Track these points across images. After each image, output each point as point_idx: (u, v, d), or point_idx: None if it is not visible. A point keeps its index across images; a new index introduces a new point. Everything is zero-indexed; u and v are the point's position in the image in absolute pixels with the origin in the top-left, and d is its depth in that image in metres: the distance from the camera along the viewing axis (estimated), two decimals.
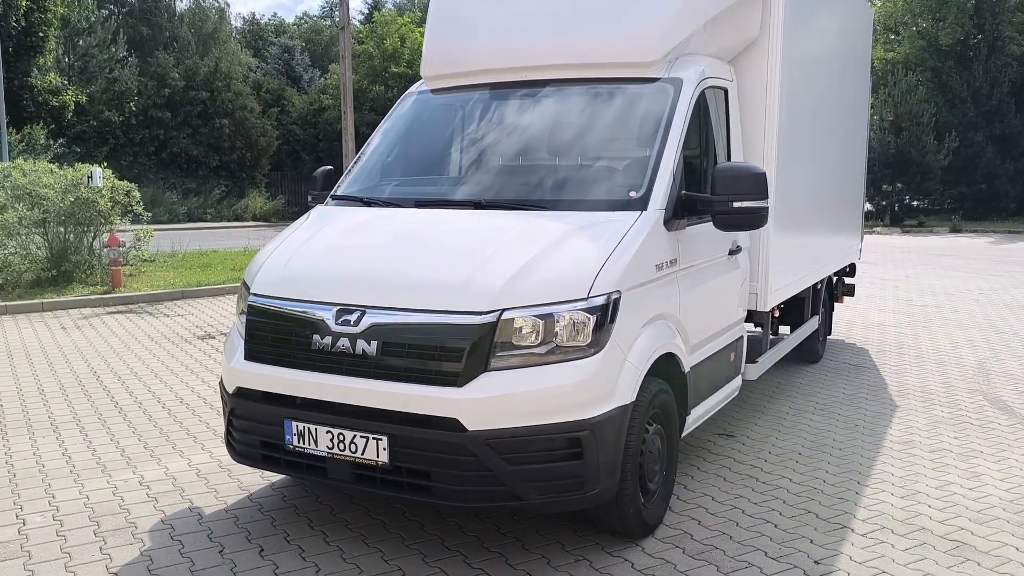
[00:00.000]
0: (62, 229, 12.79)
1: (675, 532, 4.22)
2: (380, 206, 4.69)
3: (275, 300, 4.02)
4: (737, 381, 5.48)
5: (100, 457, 5.34)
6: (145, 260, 14.54)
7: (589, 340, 3.63)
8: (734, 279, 5.17)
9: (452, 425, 3.49)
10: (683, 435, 4.61)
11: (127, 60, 32.75)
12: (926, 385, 7.31)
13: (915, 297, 12.74)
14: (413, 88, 5.56)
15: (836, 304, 9.70)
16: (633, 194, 4.20)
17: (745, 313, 5.48)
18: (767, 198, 4.31)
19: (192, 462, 5.24)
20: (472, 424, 3.47)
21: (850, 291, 9.56)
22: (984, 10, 32.05)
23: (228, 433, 4.20)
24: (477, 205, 4.39)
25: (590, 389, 3.61)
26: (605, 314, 3.68)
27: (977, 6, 32.10)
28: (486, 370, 3.53)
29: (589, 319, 3.63)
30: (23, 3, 26.63)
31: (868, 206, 29.92)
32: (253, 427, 4.00)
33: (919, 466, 5.26)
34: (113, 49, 33.05)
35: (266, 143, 34.51)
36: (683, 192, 4.34)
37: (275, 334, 3.97)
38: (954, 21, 31.75)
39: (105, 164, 17.02)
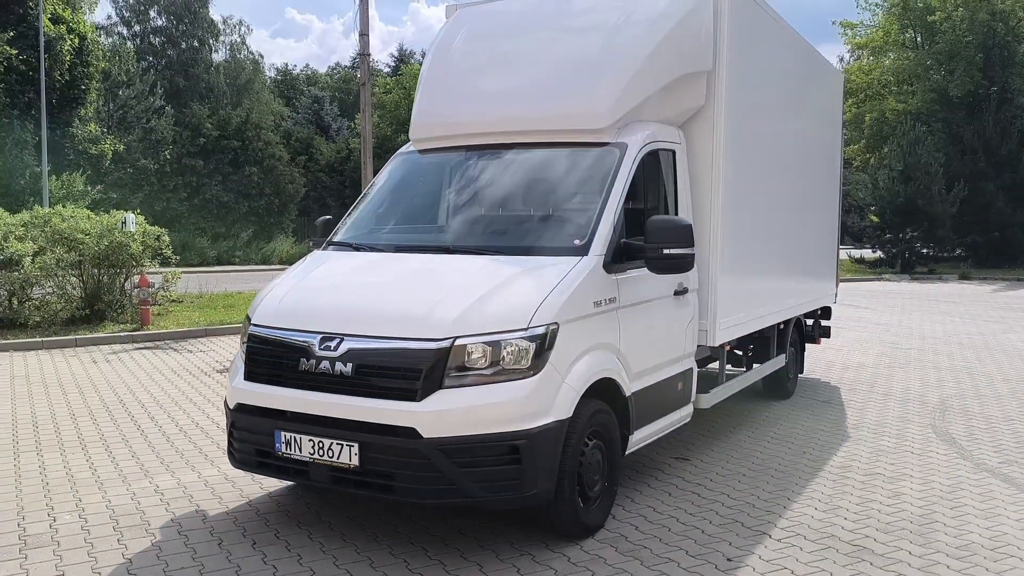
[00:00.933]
0: (96, 271, 13.73)
1: (613, 534, 4.85)
2: (366, 251, 5.45)
3: (271, 329, 4.76)
4: (688, 409, 6.11)
5: (122, 470, 6.07)
6: (173, 300, 15.43)
7: (529, 364, 4.33)
8: (680, 316, 5.83)
9: (410, 433, 4.18)
10: (627, 452, 5.25)
11: (164, 110, 34.28)
12: (883, 420, 7.87)
13: (902, 341, 13.24)
14: (403, 148, 6.36)
15: (814, 345, 10.33)
16: (577, 242, 4.92)
17: (695, 347, 6.11)
18: (692, 246, 5.01)
19: (201, 475, 5.95)
20: (427, 432, 4.16)
21: (826, 333, 10.13)
22: (994, 63, 32.74)
23: (230, 443, 4.92)
24: (446, 250, 5.14)
25: (529, 405, 4.29)
26: (543, 342, 4.37)
27: (986, 60, 32.80)
28: (441, 388, 4.23)
29: (529, 346, 4.33)
30: (67, 58, 28.21)
31: (879, 253, 30.42)
32: (249, 437, 4.72)
33: (849, 487, 5.84)
34: (151, 100, 34.66)
35: (294, 190, 35.82)
36: (623, 240, 5.05)
37: (270, 358, 4.71)
38: (963, 74, 32.47)
39: (139, 210, 18.04)
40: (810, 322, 9.97)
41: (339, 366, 4.39)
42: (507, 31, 6.31)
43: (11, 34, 26.91)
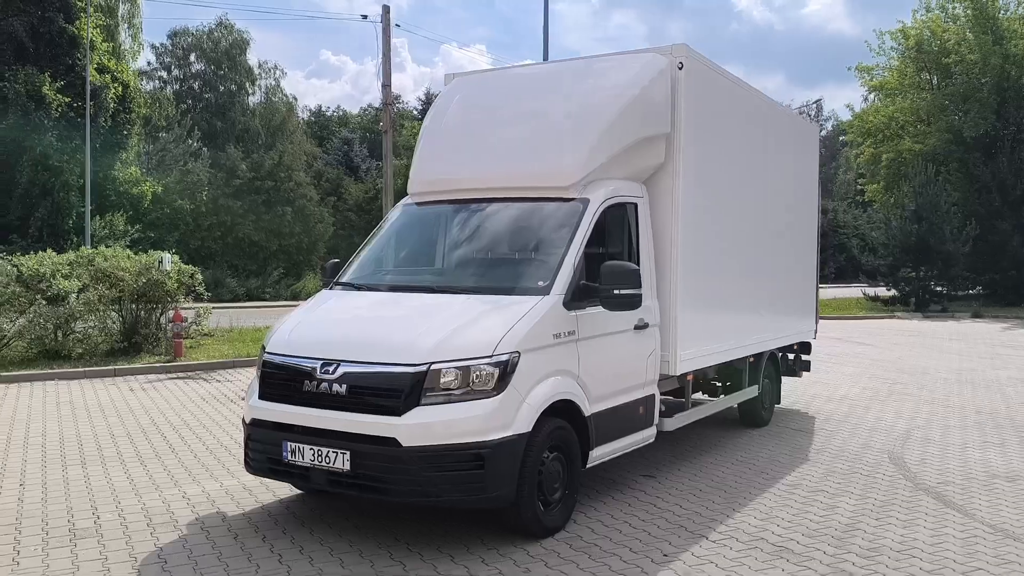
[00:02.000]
0: (134, 306, 14.83)
1: (570, 535, 5.64)
2: (365, 290, 6.36)
3: (281, 356, 5.67)
4: (651, 431, 6.88)
5: (154, 480, 6.98)
6: (204, 334, 16.47)
7: (493, 385, 5.17)
8: (641, 348, 6.63)
9: (392, 443, 5.03)
10: (588, 466, 6.04)
11: (200, 153, 35.87)
12: (844, 446, 8.56)
13: (892, 376, 13.86)
14: (403, 200, 7.29)
15: (800, 378, 11.08)
16: (541, 283, 5.78)
17: (656, 376, 6.89)
18: (640, 287, 5.86)
19: (223, 485, 6.83)
20: (406, 442, 5.00)
21: (806, 367, 10.88)
22: (1008, 105, 33.29)
23: (246, 454, 5.81)
24: (431, 290, 6.04)
25: (492, 420, 5.12)
26: (506, 367, 5.22)
27: (1001, 101, 33.37)
28: (419, 404, 5.09)
29: (494, 370, 5.18)
30: (111, 105, 29.85)
31: (894, 292, 30.84)
32: (262, 447, 5.60)
33: (791, 501, 6.57)
34: (189, 143, 36.29)
35: (323, 229, 37.15)
36: (582, 282, 5.90)
37: (280, 380, 5.61)
38: (977, 115, 33.03)
39: (175, 249, 19.15)
40: (791, 356, 10.75)
41: (335, 387, 5.28)
42: (493, 99, 7.26)
43: (61, 83, 28.60)
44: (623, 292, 5.82)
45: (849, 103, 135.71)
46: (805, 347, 10.84)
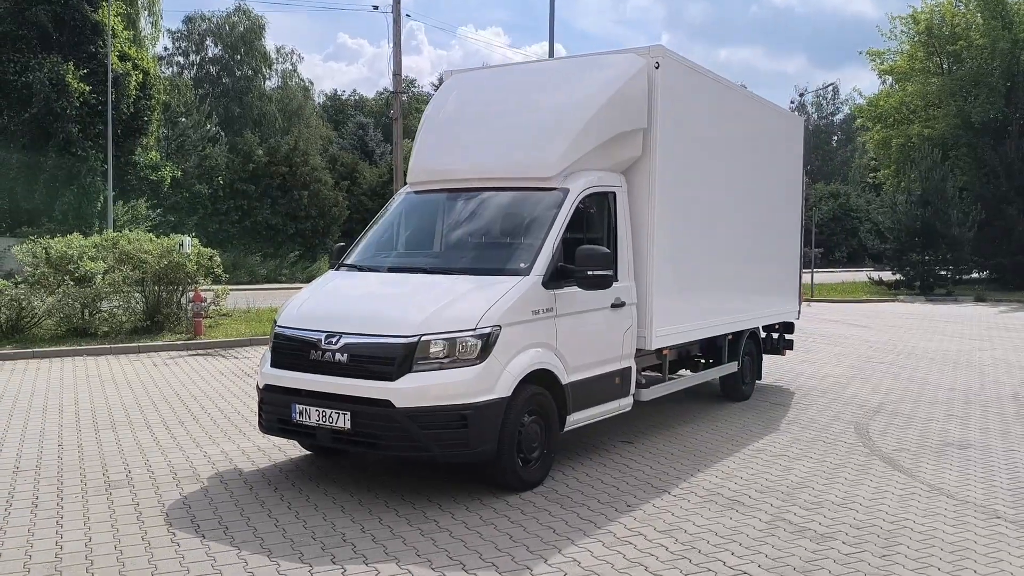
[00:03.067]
0: (157, 287, 15.61)
1: (546, 489, 6.32)
2: (367, 271, 7.06)
3: (291, 329, 6.37)
4: (627, 400, 7.52)
5: (178, 441, 7.73)
6: (222, 314, 17.25)
7: (476, 355, 5.85)
8: (617, 325, 7.28)
9: (387, 404, 5.72)
10: (565, 429, 6.71)
11: (218, 138, 36.68)
12: (815, 418, 9.20)
13: (879, 356, 14.45)
14: (403, 188, 7.96)
15: (785, 356, 11.75)
16: (522, 265, 6.44)
17: (633, 350, 7.53)
18: (610, 269, 6.51)
19: (240, 446, 7.57)
20: (399, 403, 5.69)
21: (789, 346, 11.52)
22: (1017, 89, 33.50)
23: (259, 415, 6.53)
24: (425, 271, 6.73)
25: (475, 385, 5.80)
26: (488, 339, 5.89)
27: (1010, 86, 33.58)
28: (410, 371, 5.77)
29: (477, 342, 5.85)
30: (133, 92, 30.65)
31: (899, 276, 31.25)
32: (273, 409, 6.32)
33: (754, 462, 7.23)
34: (207, 127, 37.11)
35: (338, 212, 37.90)
36: (560, 264, 6.55)
37: (289, 350, 6.31)
38: (986, 100, 33.27)
39: (194, 233, 19.91)
40: (775, 336, 11.39)
41: (338, 356, 5.97)
42: (485, 96, 7.91)
43: (83, 71, 29.40)
44: (596, 273, 6.47)
45: (857, 87, 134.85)
46: (788, 327, 11.47)
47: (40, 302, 14.35)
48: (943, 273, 31.13)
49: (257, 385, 6.65)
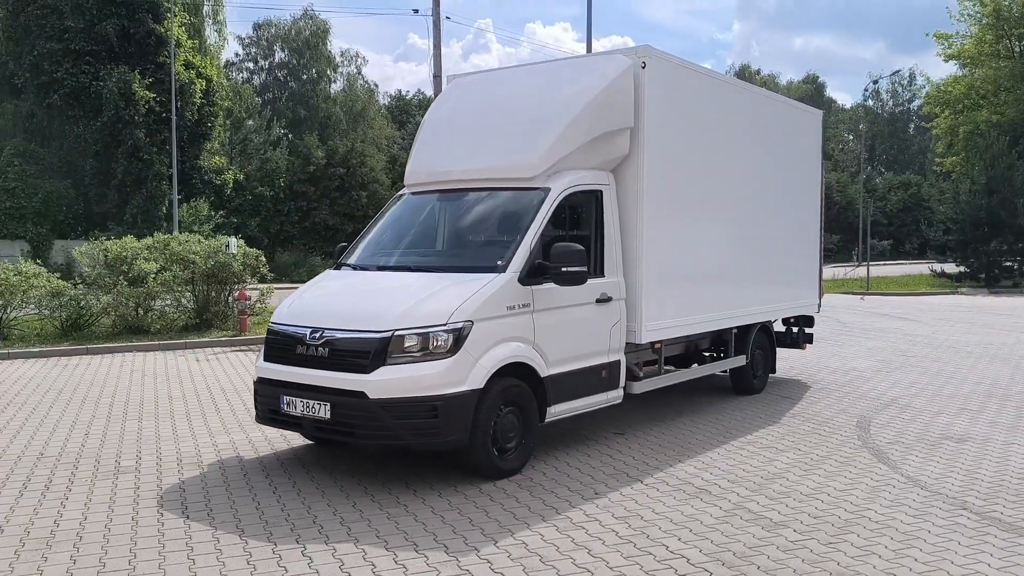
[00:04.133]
0: (205, 287, 16.36)
1: (523, 477, 6.57)
2: (359, 270, 7.42)
3: (282, 325, 6.77)
4: (616, 392, 7.69)
5: (194, 431, 8.23)
6: (268, 312, 17.92)
7: (448, 348, 6.14)
8: (604, 319, 7.45)
9: (362, 395, 6.06)
10: (547, 420, 6.93)
11: (280, 142, 37.83)
12: (821, 411, 9.20)
13: (914, 349, 14.20)
14: (401, 190, 8.29)
15: (807, 351, 11.73)
16: (499, 262, 6.69)
17: (622, 344, 7.71)
18: (584, 265, 6.72)
19: (248, 436, 8.02)
20: (373, 394, 6.03)
21: (809, 339, 11.48)
22: None
23: (255, 406, 6.95)
24: (410, 269, 7.06)
25: (446, 377, 6.09)
26: (459, 334, 6.17)
27: None
28: (384, 364, 6.09)
29: (448, 336, 6.14)
30: (197, 99, 31.90)
31: (963, 267, 30.32)
32: (265, 401, 6.73)
33: (739, 454, 7.34)
34: (269, 132, 38.29)
35: None
36: (538, 261, 6.78)
37: (279, 345, 6.72)
38: None
39: (240, 235, 20.51)
40: (795, 330, 11.39)
41: (320, 350, 6.34)
42: (479, 99, 8.19)
43: (149, 80, 30.75)
44: (570, 269, 6.69)
45: (924, 72, 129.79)
46: (807, 321, 11.44)
47: (96, 301, 15.20)
48: (1009, 265, 30.08)
49: (254, 378, 7.08)
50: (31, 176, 31.18)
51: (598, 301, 7.41)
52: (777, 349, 11.19)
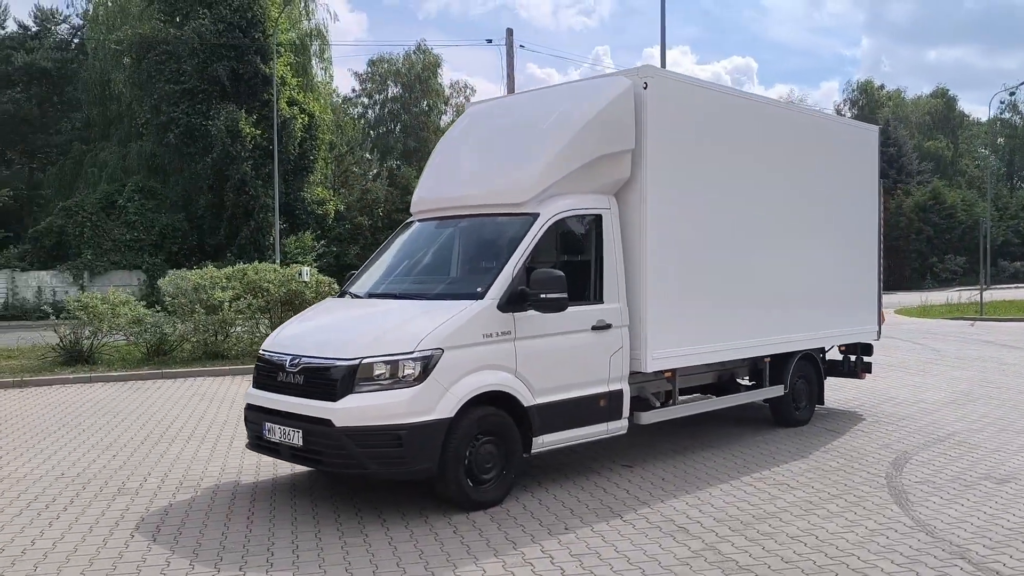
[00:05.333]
0: (281, 313, 16.92)
1: (500, 509, 6.40)
2: (353, 297, 7.49)
3: (268, 352, 6.89)
4: (619, 423, 7.40)
5: (214, 454, 8.46)
6: None
7: (416, 376, 6.08)
8: (600, 347, 7.19)
9: (328, 423, 6.07)
10: (533, 451, 6.75)
11: (380, 173, 38.96)
12: (859, 446, 8.58)
13: (1001, 379, 13.11)
14: (410, 218, 8.32)
15: (877, 380, 10.96)
16: (479, 289, 6.60)
17: (625, 373, 7.41)
18: (565, 292, 6.53)
19: (257, 459, 8.16)
20: (338, 422, 6.03)
21: (867, 368, 10.78)
22: None
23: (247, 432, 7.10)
24: (396, 296, 7.07)
25: (412, 406, 6.03)
26: (427, 362, 6.11)
27: None
28: (351, 392, 6.09)
29: (416, 364, 6.09)
30: (298, 134, 33.32)
31: None
32: (251, 427, 6.85)
33: (744, 491, 6.92)
34: (368, 158, 39.47)
35: None
36: (520, 287, 6.64)
37: (265, 372, 6.83)
38: None
39: (315, 264, 20.96)
40: (853, 358, 10.74)
41: (296, 377, 6.42)
42: (484, 125, 8.18)
43: (255, 117, 32.35)
44: (549, 296, 6.52)
45: None
46: (866, 348, 10.75)
47: (172, 328, 15.98)
48: None
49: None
50: (149, 210, 33.25)
51: (594, 328, 7.19)
52: (834, 378, 10.60)
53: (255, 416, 6.80)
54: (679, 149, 7.88)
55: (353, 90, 63.22)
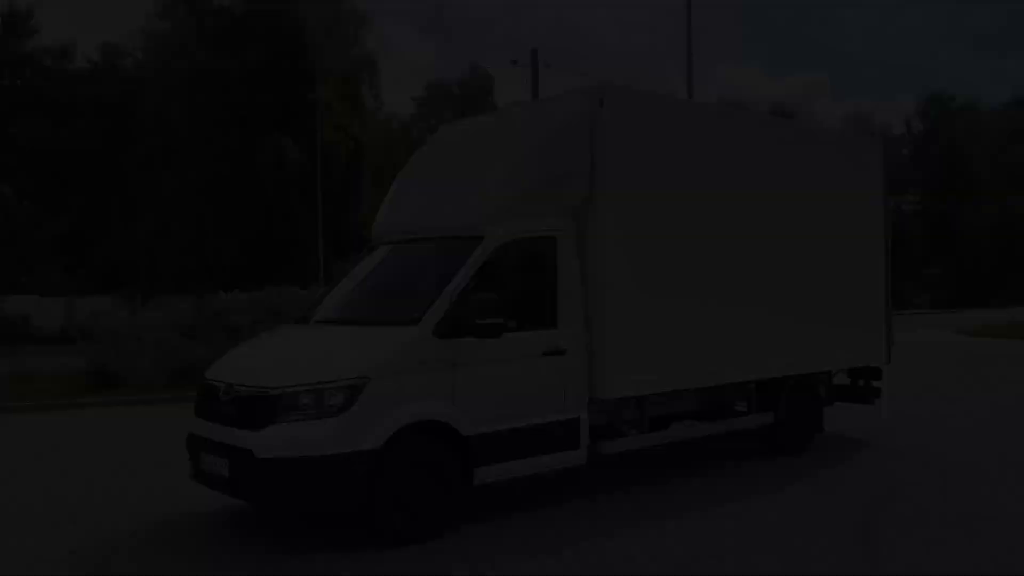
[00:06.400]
0: None
1: (435, 542, 6.13)
2: (303, 324, 7.38)
3: (209, 379, 6.81)
4: (576, 453, 7.06)
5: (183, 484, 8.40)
6: None
7: (340, 405, 5.90)
8: (553, 373, 6.88)
9: (249, 454, 5.93)
10: (476, 483, 6.47)
11: None
12: (848, 477, 8.08)
13: None
14: (373, 243, 8.18)
15: (870, 405, 10.24)
16: (415, 315, 6.38)
17: (582, 400, 7.09)
18: (499, 317, 6.28)
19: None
20: (259, 453, 5.87)
21: (876, 393, 10.17)
22: None
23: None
24: (335, 322, 6.94)
25: (335, 436, 5.84)
26: (352, 390, 5.91)
27: None
28: (273, 422, 5.94)
29: (339, 393, 5.91)
30: (344, 160, 33.89)
31: None
32: (192, 456, 6.75)
33: (689, 527, 6.52)
34: None
35: None
36: (456, 313, 6.39)
37: (204, 399, 6.74)
38: None
39: None
40: (860, 382, 10.17)
41: (228, 406, 6.31)
42: (444, 149, 8.15)
43: (302, 144, 33.05)
44: (484, 322, 6.28)
45: None
46: (874, 372, 10.16)
47: (190, 353, 16.19)
48: None
49: None
50: (202, 237, 34.15)
51: (546, 354, 6.91)
52: (844, 403, 10.02)
53: (195, 444, 6.71)
54: (643, 166, 7.55)
55: (411, 114, 64.28)
